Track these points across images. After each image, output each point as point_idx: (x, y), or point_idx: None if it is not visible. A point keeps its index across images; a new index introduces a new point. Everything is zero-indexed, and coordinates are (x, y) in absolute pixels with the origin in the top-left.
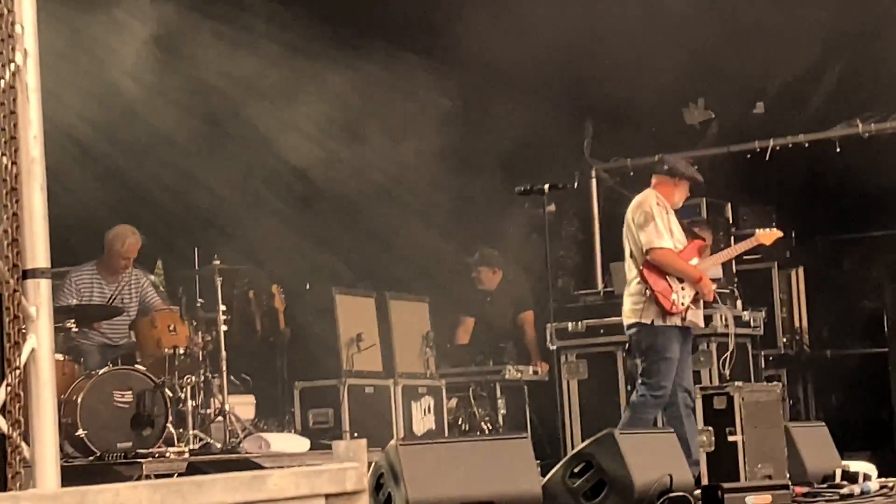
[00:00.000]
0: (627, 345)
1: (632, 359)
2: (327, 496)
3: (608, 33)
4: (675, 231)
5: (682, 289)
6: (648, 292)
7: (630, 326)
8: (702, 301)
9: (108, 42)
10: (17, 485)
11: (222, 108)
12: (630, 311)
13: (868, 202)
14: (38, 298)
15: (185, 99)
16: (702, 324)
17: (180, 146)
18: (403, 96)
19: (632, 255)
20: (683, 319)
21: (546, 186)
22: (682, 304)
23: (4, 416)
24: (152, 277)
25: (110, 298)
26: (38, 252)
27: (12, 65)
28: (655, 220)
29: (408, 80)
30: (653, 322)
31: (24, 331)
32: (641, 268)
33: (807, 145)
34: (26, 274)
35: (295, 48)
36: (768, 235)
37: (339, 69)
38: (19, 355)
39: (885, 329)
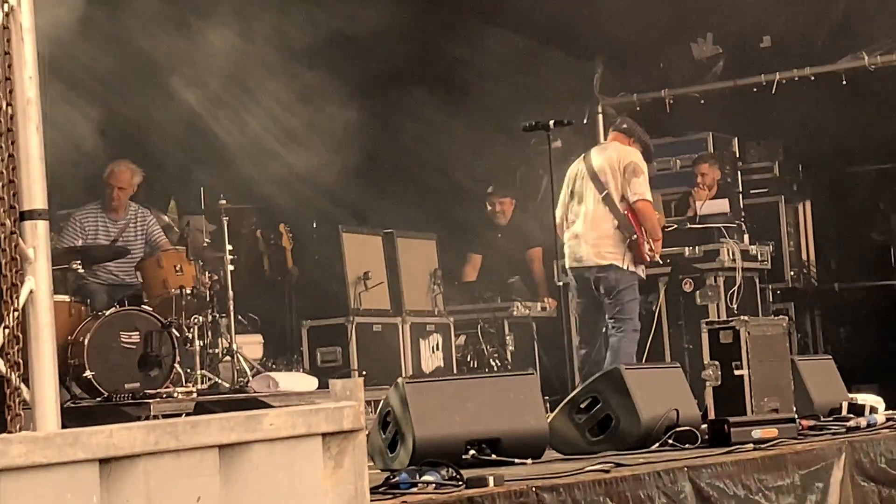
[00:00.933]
0: (596, 284)
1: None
2: (324, 435)
3: None
4: None
5: (648, 242)
6: (634, 236)
7: (604, 268)
8: None
9: None
10: (17, 427)
11: (223, 56)
12: (605, 253)
13: (874, 134)
14: (36, 240)
15: (185, 46)
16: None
17: (185, 88)
18: (411, 34)
19: (607, 199)
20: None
21: (551, 122)
22: (649, 256)
23: (3, 359)
24: (166, 218)
25: (115, 237)
26: (34, 193)
27: (6, 5)
28: (645, 173)
29: (414, 18)
30: (627, 267)
31: (21, 273)
32: (626, 213)
33: (812, 78)
34: (23, 215)
35: None
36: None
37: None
38: (17, 297)
39: (893, 261)
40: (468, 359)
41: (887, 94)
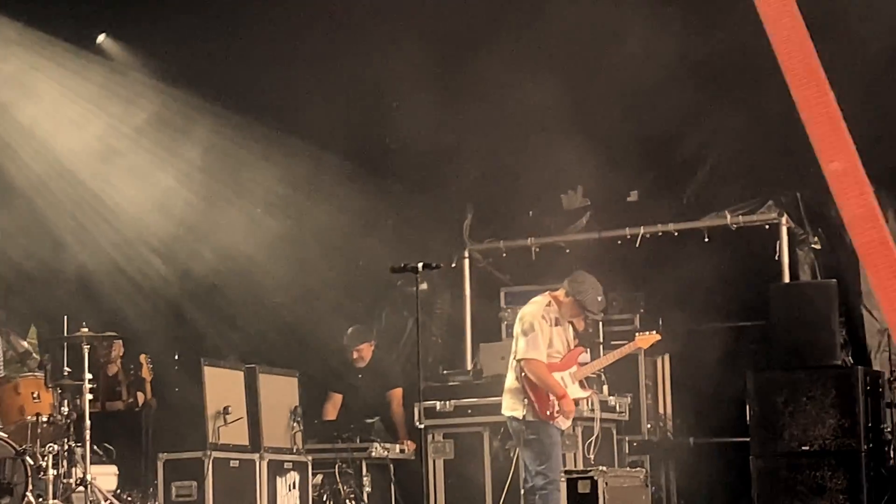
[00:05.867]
0: (503, 429)
1: (501, 443)
2: None
3: (496, 123)
4: (554, 342)
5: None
6: (526, 400)
7: (510, 418)
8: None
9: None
10: None
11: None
12: (510, 405)
13: (734, 292)
14: None
15: (59, 172)
16: (567, 427)
17: (51, 216)
18: (280, 172)
19: (514, 356)
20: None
21: (419, 265)
22: (557, 414)
23: None
24: (25, 343)
25: None
26: None
27: None
28: (535, 331)
29: (286, 157)
30: (524, 417)
31: None
32: (523, 373)
33: (676, 234)
34: None
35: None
36: (647, 339)
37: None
38: None
39: (748, 419)
40: (324, 498)
41: (747, 253)
